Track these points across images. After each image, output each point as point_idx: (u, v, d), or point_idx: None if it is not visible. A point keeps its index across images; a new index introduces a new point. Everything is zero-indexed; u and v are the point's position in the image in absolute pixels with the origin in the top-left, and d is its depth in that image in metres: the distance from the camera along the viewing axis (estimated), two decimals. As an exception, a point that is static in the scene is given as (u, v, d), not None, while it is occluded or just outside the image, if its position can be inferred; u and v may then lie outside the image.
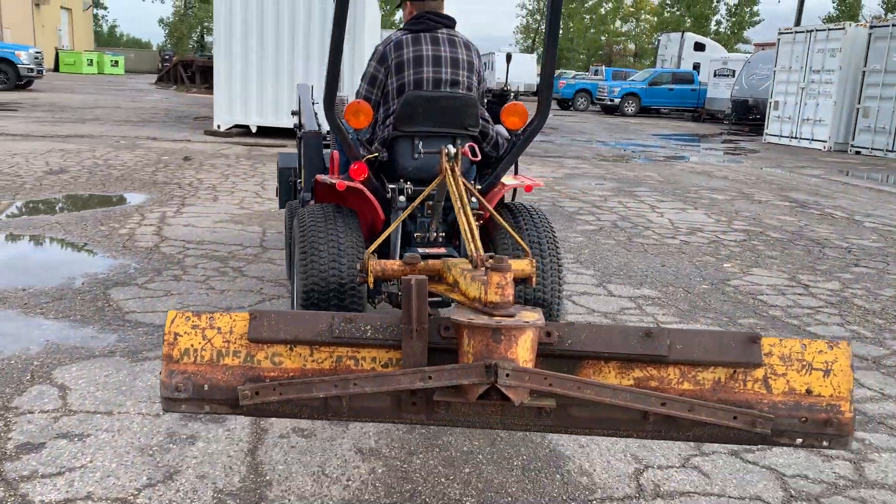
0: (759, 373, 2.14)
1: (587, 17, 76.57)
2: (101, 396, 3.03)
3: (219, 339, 2.16)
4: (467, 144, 3.19)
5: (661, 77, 30.61)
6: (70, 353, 3.45)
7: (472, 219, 2.58)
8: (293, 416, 2.23)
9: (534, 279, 2.78)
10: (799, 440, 2.15)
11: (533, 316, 2.05)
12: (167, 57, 44.35)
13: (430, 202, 3.22)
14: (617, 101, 29.77)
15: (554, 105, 34.56)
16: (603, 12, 75.82)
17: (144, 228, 5.94)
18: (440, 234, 3.37)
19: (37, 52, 24.22)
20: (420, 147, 3.32)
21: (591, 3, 75.54)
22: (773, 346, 2.14)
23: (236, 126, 13.10)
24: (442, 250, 3.29)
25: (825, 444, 2.14)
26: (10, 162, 8.84)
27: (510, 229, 2.92)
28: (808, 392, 2.13)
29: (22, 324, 3.80)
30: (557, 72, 50.85)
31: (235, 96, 12.86)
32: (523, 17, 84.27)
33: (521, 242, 2.90)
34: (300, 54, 12.78)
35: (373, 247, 2.68)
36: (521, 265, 2.74)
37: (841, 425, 2.11)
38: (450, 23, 3.51)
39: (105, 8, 76.16)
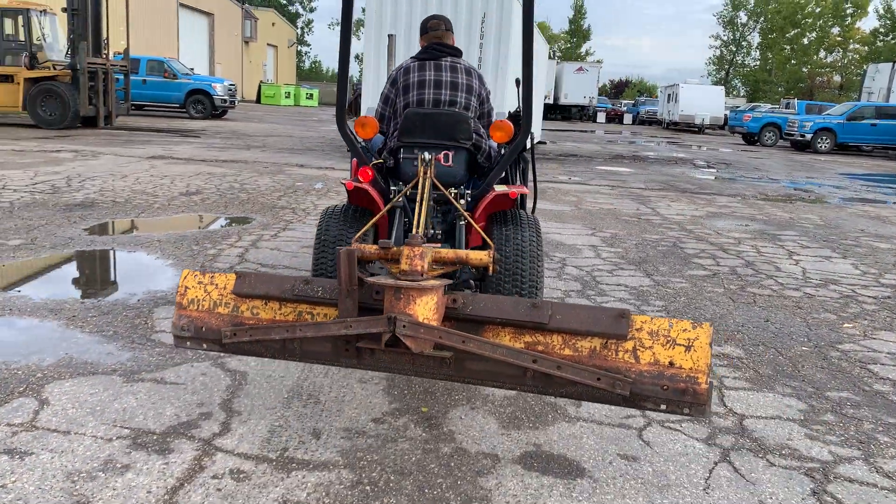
0: (630, 345, 2.46)
1: (787, 47, 71.87)
2: (70, 415, 3.02)
3: (215, 293, 2.88)
4: (442, 153, 3.83)
5: (863, 111, 27.75)
6: (77, 367, 3.50)
7: (426, 210, 3.32)
8: (260, 354, 2.86)
9: (492, 268, 3.10)
10: (663, 406, 2.44)
11: (434, 283, 2.58)
12: (357, 90, 47.10)
13: (436, 204, 3.81)
14: (808, 136, 27.35)
15: (738, 139, 32.74)
16: (805, 42, 70.84)
17: (232, 250, 6.09)
18: (437, 232, 3.88)
19: (230, 85, 26.50)
20: (416, 156, 3.81)
21: (792, 33, 70.86)
22: (644, 323, 2.47)
23: (380, 155, 13.40)
24: (437, 245, 3.72)
25: (685, 411, 2.41)
26: (156, 183, 9.57)
27: (475, 224, 3.48)
28: (671, 364, 2.42)
29: (57, 335, 3.94)
30: (748, 105, 48.18)
31: (380, 126, 13.17)
32: (717, 48, 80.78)
33: (486, 238, 3.32)
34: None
35: (359, 234, 3.25)
36: (480, 255, 3.11)
37: (697, 394, 2.39)
38: (455, 52, 4.15)
39: (308, 45, 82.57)
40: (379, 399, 3.37)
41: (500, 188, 3.92)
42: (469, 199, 3.92)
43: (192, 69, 31.49)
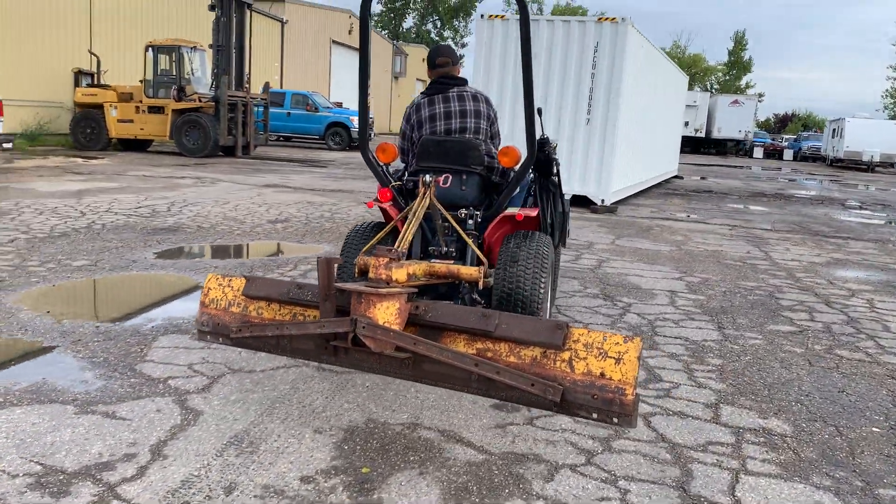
0: (566, 355, 2.67)
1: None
2: (-4, 445, 2.94)
3: (231, 294, 3.40)
4: (443, 175, 4.16)
5: None
6: (40, 394, 3.45)
7: (414, 227, 3.61)
8: (259, 349, 3.36)
9: (481, 283, 3.54)
10: (594, 415, 2.63)
11: (396, 290, 2.92)
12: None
13: (443, 223, 4.01)
14: None
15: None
16: None
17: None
18: (450, 249, 4.06)
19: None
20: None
21: None
22: (581, 335, 2.69)
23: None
24: (450, 261, 3.88)
25: (614, 420, 2.59)
26: (251, 210, 9.82)
27: (469, 242, 3.92)
28: (602, 375, 2.60)
29: (48, 358, 3.96)
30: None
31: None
32: (895, 80, 74.40)
33: (480, 255, 3.90)
34: (551, 124, 12.47)
35: (365, 248, 3.65)
36: (471, 271, 3.55)
37: (623, 405, 2.56)
38: (460, 82, 4.45)
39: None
40: (323, 453, 3.05)
41: (510, 210, 4.16)
42: (479, 219, 4.17)
43: (340, 103, 32.90)
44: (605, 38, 12.01)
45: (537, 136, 4.88)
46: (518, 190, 4.74)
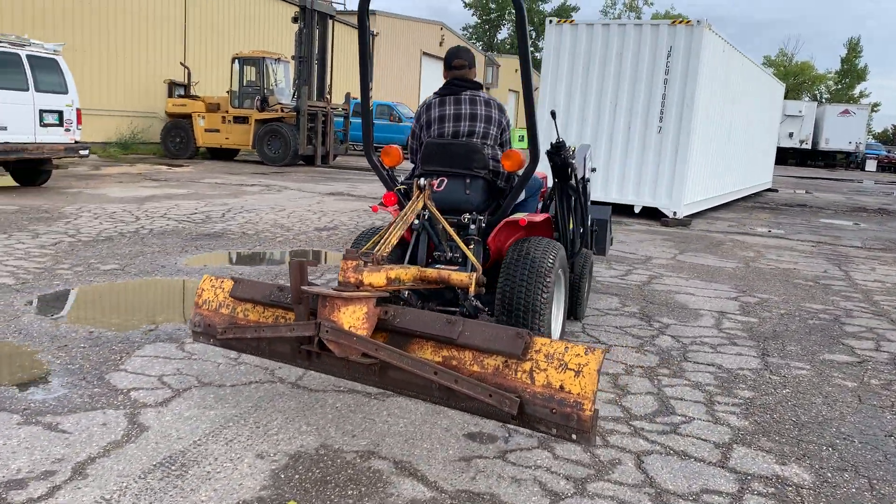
0: (527, 365, 2.56)
1: None
2: (-79, 454, 2.83)
3: (221, 295, 3.41)
4: (438, 178, 4.05)
5: None
6: (-4, 401, 3.36)
7: (399, 231, 3.51)
8: (242, 351, 3.33)
9: (472, 289, 3.38)
10: (554, 430, 2.50)
11: (363, 294, 2.85)
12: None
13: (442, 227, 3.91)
14: None
15: None
16: None
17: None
18: (455, 255, 3.94)
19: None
20: (438, 184, 4.07)
21: None
22: (543, 346, 2.57)
23: (551, 197, 12.70)
24: (453, 267, 3.83)
25: (573, 437, 2.48)
26: (303, 217, 9.78)
27: (461, 244, 3.75)
28: (562, 388, 2.49)
29: (24, 363, 3.88)
30: None
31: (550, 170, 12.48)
32: None
33: (472, 258, 3.74)
34: (620, 132, 11.93)
35: (362, 251, 3.21)
36: (461, 276, 3.41)
37: (581, 421, 2.45)
38: (475, 86, 4.29)
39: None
40: (254, 481, 2.79)
41: (519, 216, 4.03)
42: (483, 224, 4.03)
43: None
44: (679, 42, 11.38)
45: (553, 140, 4.68)
46: (526, 195, 4.50)
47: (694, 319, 5.66)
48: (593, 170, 5.92)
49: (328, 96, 20.23)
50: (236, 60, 20.14)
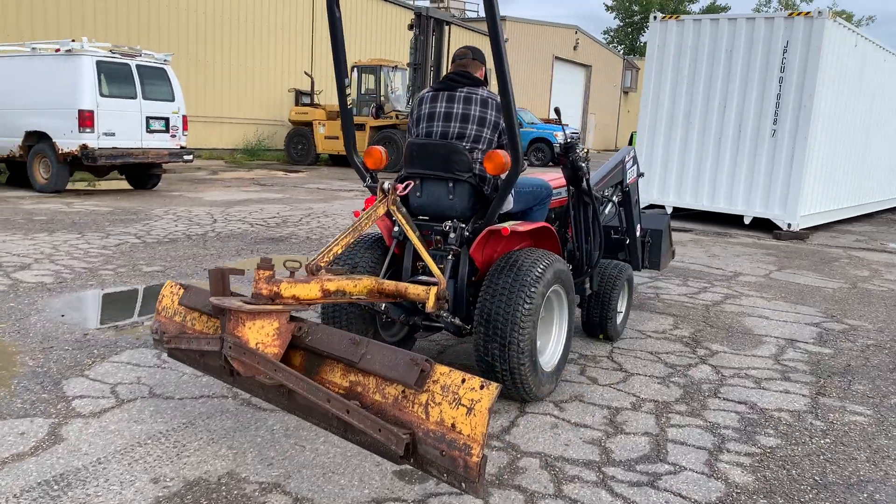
0: (424, 397, 2.25)
1: None
2: None
3: (176, 302, 3.19)
4: (405, 183, 3.65)
5: None
6: (-59, 402, 3.34)
7: (348, 238, 3.19)
8: (184, 362, 3.12)
9: (429, 304, 3.16)
10: (444, 475, 2.18)
11: (273, 308, 2.58)
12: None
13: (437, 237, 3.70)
14: None
15: None
16: None
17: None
18: (440, 266, 3.54)
19: (573, 133, 26.38)
20: (418, 188, 3.74)
21: None
22: (441, 375, 2.24)
23: (651, 206, 11.88)
24: (432, 279, 3.49)
25: (462, 485, 2.15)
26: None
27: (425, 255, 3.37)
28: (453, 427, 2.16)
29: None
30: None
31: (654, 177, 11.69)
32: None
33: (435, 269, 3.31)
34: (729, 136, 10.95)
35: (322, 260, 3.04)
36: (418, 290, 3.19)
37: (468, 468, 2.11)
38: (475, 82, 3.86)
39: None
40: (129, 509, 2.56)
41: (503, 225, 3.62)
42: (467, 233, 3.66)
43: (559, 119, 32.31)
44: (796, 37, 10.28)
45: (560, 139, 4.25)
46: (530, 204, 4.05)
47: (751, 347, 4.93)
48: (641, 175, 5.33)
49: (443, 102, 20.15)
50: (355, 69, 20.53)
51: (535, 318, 3.45)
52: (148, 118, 11.60)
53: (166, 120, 11.91)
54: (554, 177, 4.55)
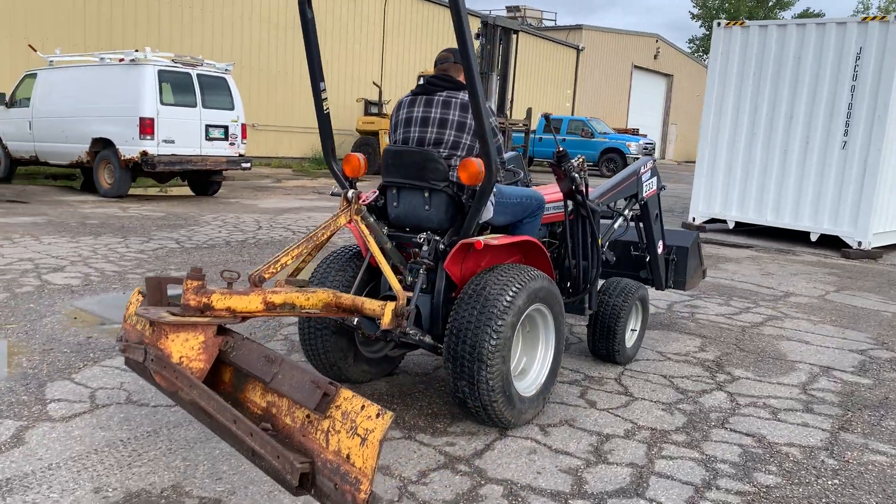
0: (326, 424, 2.11)
1: None
2: None
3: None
4: (370, 192, 3.53)
5: None
6: (-75, 400, 3.41)
7: (300, 250, 3.10)
8: (134, 370, 3.01)
9: (384, 322, 2.94)
10: None
11: (193, 321, 2.50)
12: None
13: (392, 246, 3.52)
14: None
15: None
16: None
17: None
18: (415, 279, 3.43)
19: (647, 143, 25.82)
20: (395, 197, 3.60)
21: None
22: (344, 400, 2.10)
23: (712, 220, 11.38)
24: (409, 294, 3.29)
25: None
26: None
27: (385, 268, 3.15)
28: (348, 458, 2.03)
29: (-5, 365, 3.97)
30: None
31: (716, 190, 11.20)
32: None
33: (395, 284, 3.07)
34: (796, 147, 10.38)
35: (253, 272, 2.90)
36: (374, 305, 3.00)
37: None
38: (456, 86, 3.63)
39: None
40: (59, 519, 2.52)
41: (480, 238, 3.37)
42: (443, 246, 3.45)
43: (636, 129, 31.67)
44: (870, 42, 9.67)
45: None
46: (520, 217, 3.82)
47: (779, 374, 4.57)
48: (662, 187, 5.02)
49: (507, 112, 19.98)
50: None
51: (506, 351, 3.20)
52: (207, 126, 11.89)
53: (225, 128, 12.19)
54: (552, 190, 4.32)
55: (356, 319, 3.53)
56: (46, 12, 16.07)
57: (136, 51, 11.50)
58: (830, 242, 10.34)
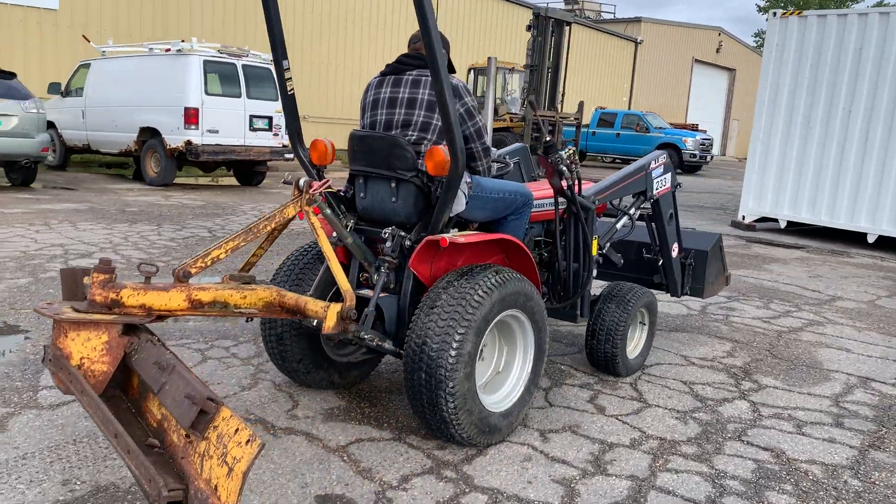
0: (203, 446, 1.88)
1: None
2: None
3: None
4: (323, 181, 3.04)
5: None
6: (-78, 383, 3.43)
7: (231, 244, 2.78)
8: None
9: (327, 324, 2.71)
10: None
11: (98, 319, 2.30)
12: None
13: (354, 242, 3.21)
14: None
15: None
16: None
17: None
18: (386, 278, 3.17)
19: (704, 139, 25.07)
20: (362, 187, 3.30)
21: None
22: (223, 421, 1.85)
23: (763, 219, 10.91)
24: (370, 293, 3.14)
25: None
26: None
27: (335, 266, 2.85)
28: (216, 489, 1.80)
29: (5, 348, 3.97)
30: None
31: (767, 187, 10.73)
32: None
33: (343, 284, 2.80)
34: (854, 143, 9.86)
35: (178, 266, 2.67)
36: (317, 307, 2.76)
37: None
38: (424, 63, 3.28)
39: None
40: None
41: (446, 235, 3.02)
42: (410, 242, 3.15)
43: (695, 125, 30.85)
44: (938, 32, 9.08)
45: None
46: (504, 213, 3.46)
47: (811, 384, 4.27)
48: (678, 185, 4.62)
49: (558, 105, 19.65)
50: (471, 71, 20.43)
51: (470, 363, 2.89)
52: (251, 117, 11.97)
53: (269, 119, 12.24)
54: (543, 186, 3.98)
55: (315, 321, 3.09)
56: (104, 3, 16.46)
57: (183, 41, 11.63)
58: (890, 245, 9.79)
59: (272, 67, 11.91)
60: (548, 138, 3.63)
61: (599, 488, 2.88)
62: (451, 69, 3.46)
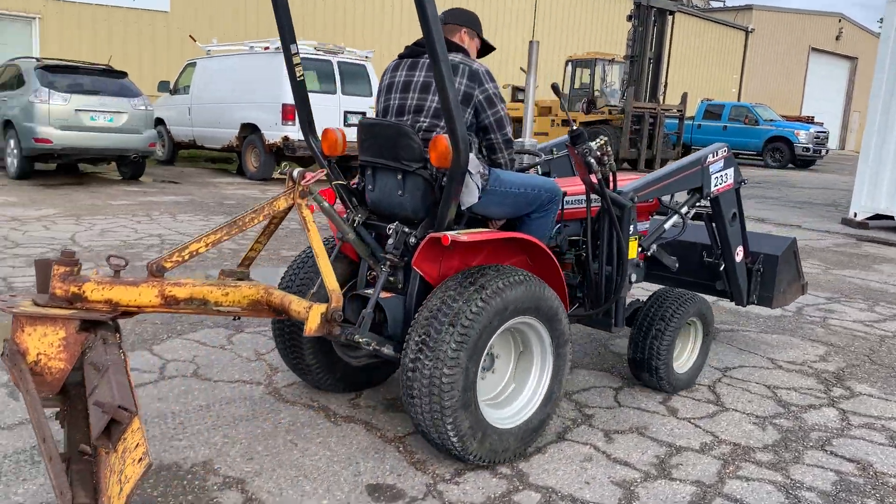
0: (112, 459, 1.77)
1: None
2: None
3: None
4: (319, 171, 2.95)
5: None
6: None
7: (216, 237, 2.66)
8: None
9: (309, 325, 2.62)
10: None
11: (57, 313, 2.21)
12: None
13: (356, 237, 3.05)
14: None
15: None
16: None
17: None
18: (393, 277, 3.03)
19: (819, 132, 23.69)
20: (371, 179, 3.12)
21: None
22: (131, 433, 1.74)
23: (877, 216, 10.21)
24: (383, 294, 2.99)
25: None
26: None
27: (324, 266, 2.76)
28: None
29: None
30: None
31: (882, 182, 10.03)
32: None
33: (331, 283, 2.71)
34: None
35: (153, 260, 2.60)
36: (300, 307, 2.68)
37: None
38: (449, 47, 2.90)
39: None
40: None
41: (448, 233, 2.73)
42: (415, 239, 2.92)
43: (811, 117, 29.27)
44: None
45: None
46: (528, 210, 3.16)
47: (855, 396, 3.95)
48: (742, 182, 4.07)
49: (660, 97, 19.05)
50: (569, 63, 20.11)
51: (470, 375, 2.66)
52: (346, 112, 12.20)
53: (363, 114, 12.44)
54: (578, 180, 3.58)
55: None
56: (212, 4, 17.20)
57: (281, 39, 11.98)
58: None
59: (367, 64, 12.12)
60: (575, 127, 3.19)
61: (661, 492, 2.75)
62: (487, 49, 3.30)
